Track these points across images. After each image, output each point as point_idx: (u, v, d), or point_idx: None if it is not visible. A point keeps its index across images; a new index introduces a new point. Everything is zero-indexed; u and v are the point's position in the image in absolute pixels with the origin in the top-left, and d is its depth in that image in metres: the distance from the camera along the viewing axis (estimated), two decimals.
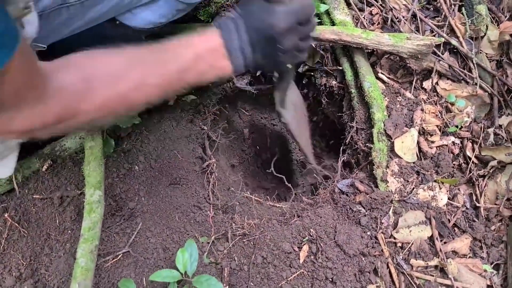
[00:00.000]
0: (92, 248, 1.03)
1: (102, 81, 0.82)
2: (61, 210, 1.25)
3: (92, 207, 1.07)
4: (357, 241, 1.23)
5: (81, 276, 0.97)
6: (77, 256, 1.00)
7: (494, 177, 1.36)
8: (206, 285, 0.95)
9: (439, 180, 1.34)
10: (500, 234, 1.29)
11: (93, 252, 1.03)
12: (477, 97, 1.47)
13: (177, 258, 0.97)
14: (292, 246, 1.25)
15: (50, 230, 1.24)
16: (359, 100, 1.47)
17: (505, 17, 1.57)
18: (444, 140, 1.40)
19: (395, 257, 1.23)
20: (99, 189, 1.12)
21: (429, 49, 1.42)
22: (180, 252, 0.97)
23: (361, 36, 1.41)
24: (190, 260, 0.97)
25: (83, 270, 0.98)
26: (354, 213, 1.29)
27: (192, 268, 0.97)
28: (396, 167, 1.35)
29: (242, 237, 1.28)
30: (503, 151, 1.36)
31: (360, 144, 1.44)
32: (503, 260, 1.25)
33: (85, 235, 1.03)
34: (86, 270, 0.99)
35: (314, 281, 1.19)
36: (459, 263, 1.23)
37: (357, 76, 1.47)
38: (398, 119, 1.39)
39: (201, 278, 0.97)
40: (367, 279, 1.20)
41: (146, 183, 1.34)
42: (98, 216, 1.08)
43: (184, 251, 0.97)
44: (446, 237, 1.27)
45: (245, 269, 1.22)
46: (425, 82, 1.49)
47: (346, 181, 1.37)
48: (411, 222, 1.27)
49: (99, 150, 1.21)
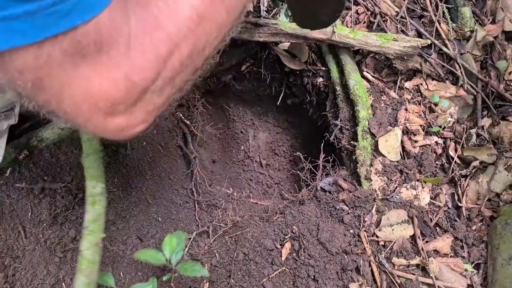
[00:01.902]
0: (97, 240, 1.00)
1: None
2: (37, 202, 1.21)
3: (95, 199, 1.05)
4: (340, 239, 1.22)
5: (88, 268, 0.94)
6: (82, 249, 0.97)
7: (476, 177, 1.37)
8: (191, 271, 0.93)
9: (422, 179, 1.34)
10: (481, 234, 1.30)
11: (98, 245, 1.00)
12: (461, 98, 1.48)
13: (165, 242, 0.94)
14: (274, 243, 1.24)
15: (24, 223, 1.20)
16: (343, 98, 1.47)
17: (488, 20, 1.59)
18: (427, 140, 1.40)
19: (377, 256, 1.23)
20: (101, 181, 1.10)
21: (415, 51, 1.43)
22: (168, 237, 0.94)
23: (348, 36, 1.41)
24: (176, 248, 0.95)
25: (89, 263, 0.95)
26: (337, 211, 1.28)
27: (177, 257, 0.95)
28: (380, 166, 1.35)
29: (223, 233, 1.26)
30: (485, 151, 1.37)
31: (344, 143, 1.43)
32: (483, 260, 1.26)
33: (90, 227, 1.00)
34: (92, 262, 0.95)
35: (296, 279, 1.18)
36: (441, 262, 1.23)
37: (342, 74, 1.47)
38: (382, 118, 1.39)
39: (185, 265, 0.94)
40: (349, 277, 1.19)
41: (127, 176, 1.31)
42: (102, 208, 1.05)
43: (173, 237, 0.94)
44: (428, 236, 1.27)
45: (226, 266, 1.20)
46: (410, 82, 1.50)
47: (328, 179, 1.36)
48: (393, 220, 1.27)
49: (97, 141, 1.18)
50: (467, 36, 1.57)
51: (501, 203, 1.33)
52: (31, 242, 1.18)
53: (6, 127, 1.14)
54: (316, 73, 1.57)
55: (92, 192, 1.00)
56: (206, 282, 1.16)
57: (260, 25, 1.39)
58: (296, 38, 1.40)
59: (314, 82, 1.58)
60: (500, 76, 1.52)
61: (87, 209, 0.96)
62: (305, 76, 1.59)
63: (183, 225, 1.29)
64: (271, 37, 1.41)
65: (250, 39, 1.42)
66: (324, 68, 1.55)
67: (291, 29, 1.37)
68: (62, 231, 1.18)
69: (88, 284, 0.89)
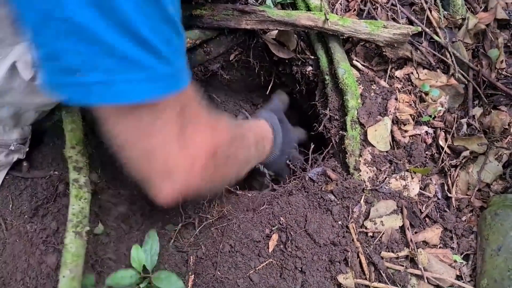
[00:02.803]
0: (82, 233, 0.98)
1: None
2: (18, 193, 1.18)
3: (79, 191, 1.03)
4: (328, 230, 1.20)
5: (72, 262, 0.92)
6: (66, 242, 0.95)
7: (466, 167, 1.36)
8: (166, 283, 0.90)
9: (411, 169, 1.32)
10: (471, 225, 1.28)
11: (83, 238, 0.97)
12: (452, 87, 1.46)
13: (132, 257, 0.90)
14: (261, 235, 1.22)
15: (5, 215, 1.17)
16: (333, 87, 1.44)
17: (480, 8, 1.57)
18: (418, 130, 1.38)
19: (366, 247, 1.21)
20: (85, 172, 1.08)
21: (406, 38, 1.40)
22: (134, 249, 0.90)
23: (337, 23, 1.38)
24: (150, 254, 0.91)
25: (74, 257, 0.93)
26: (326, 202, 1.26)
27: (152, 262, 0.91)
28: (369, 156, 1.32)
29: (209, 225, 1.24)
30: (476, 141, 1.35)
31: (333, 132, 1.41)
32: (473, 251, 1.24)
33: (73, 220, 0.98)
34: (76, 256, 0.93)
35: (283, 271, 1.16)
36: (430, 253, 1.21)
37: (331, 63, 1.44)
38: (372, 108, 1.36)
39: (161, 275, 0.91)
40: (337, 268, 1.17)
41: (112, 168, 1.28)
42: (86, 201, 1.03)
43: (138, 248, 0.90)
44: (417, 227, 1.25)
45: (212, 257, 1.18)
46: (400, 71, 1.47)
47: (317, 169, 1.34)
48: (382, 211, 1.25)
49: (81, 131, 1.15)
50: (459, 24, 1.55)
51: (491, 193, 1.32)
52: (12, 234, 1.15)
53: (12, 160, 1.18)
54: (305, 62, 1.54)
55: (75, 185, 0.97)
56: (192, 274, 1.14)
57: (247, 12, 1.36)
58: (284, 25, 1.37)
59: (303, 71, 1.55)
60: (491, 65, 1.50)
61: (70, 201, 0.94)
62: (294, 65, 1.57)
63: (169, 216, 1.26)
64: (258, 24, 1.38)
65: (237, 26, 1.39)
66: (313, 56, 1.52)
67: (278, 16, 1.34)
68: (44, 224, 1.16)
69: (72, 278, 0.86)
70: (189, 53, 1.48)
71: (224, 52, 1.55)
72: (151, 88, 0.61)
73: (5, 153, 1.14)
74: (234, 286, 1.13)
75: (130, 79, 0.58)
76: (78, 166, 1.07)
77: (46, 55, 0.57)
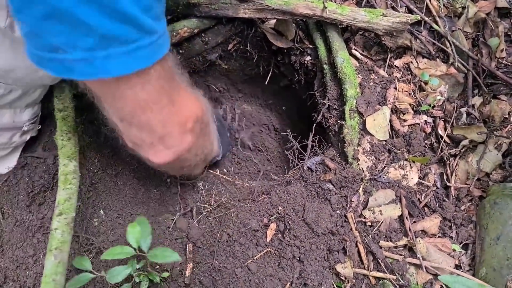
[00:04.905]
0: (68, 220, 0.97)
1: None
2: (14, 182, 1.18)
3: (67, 177, 1.02)
4: (326, 220, 1.19)
5: (58, 249, 0.91)
6: (52, 228, 0.94)
7: (465, 156, 1.35)
8: (161, 257, 0.89)
9: (410, 159, 1.31)
10: (470, 214, 1.28)
11: (70, 224, 0.97)
12: (451, 76, 1.44)
13: (128, 232, 0.90)
14: (259, 224, 1.21)
15: (2, 204, 1.17)
16: (331, 76, 1.43)
17: None
18: (417, 119, 1.37)
19: (364, 236, 1.20)
20: (75, 159, 1.07)
21: (405, 27, 1.39)
22: (130, 226, 0.90)
23: (336, 11, 1.36)
24: (143, 234, 0.91)
25: (59, 242, 0.92)
26: (324, 191, 1.25)
27: (147, 243, 0.91)
28: (368, 145, 1.32)
29: (207, 214, 1.23)
30: (475, 130, 1.34)
31: (331, 122, 1.40)
32: (471, 240, 1.24)
33: (60, 206, 0.97)
34: (62, 242, 0.93)
35: (281, 260, 1.15)
36: (428, 243, 1.21)
37: (330, 52, 1.43)
38: (370, 97, 1.35)
39: (156, 251, 0.91)
40: (335, 258, 1.17)
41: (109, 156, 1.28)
42: (74, 187, 1.03)
43: (135, 225, 0.90)
44: (416, 216, 1.25)
45: (209, 247, 1.18)
46: (399, 60, 1.46)
47: (316, 159, 1.33)
48: (381, 201, 1.25)
49: (72, 118, 1.15)
50: (459, 13, 1.54)
51: (490, 182, 1.31)
52: (9, 223, 1.15)
53: (26, 139, 1.22)
54: (304, 52, 1.53)
55: (64, 171, 0.97)
56: (190, 263, 1.14)
57: (245, 1, 1.35)
58: (282, 14, 1.36)
59: (301, 61, 1.54)
60: (491, 54, 1.49)
61: (59, 187, 0.93)
62: (292, 54, 1.55)
63: (167, 206, 1.26)
64: (256, 13, 1.37)
65: (235, 15, 1.38)
66: (311, 46, 1.51)
67: (276, 5, 1.33)
68: (41, 212, 1.15)
69: (57, 264, 0.86)
70: (187, 42, 1.47)
71: (222, 41, 1.53)
72: (133, 60, 0.61)
73: (19, 133, 1.16)
74: (232, 275, 1.12)
75: (110, 54, 0.59)
76: (67, 153, 1.07)
77: (29, 33, 0.58)
